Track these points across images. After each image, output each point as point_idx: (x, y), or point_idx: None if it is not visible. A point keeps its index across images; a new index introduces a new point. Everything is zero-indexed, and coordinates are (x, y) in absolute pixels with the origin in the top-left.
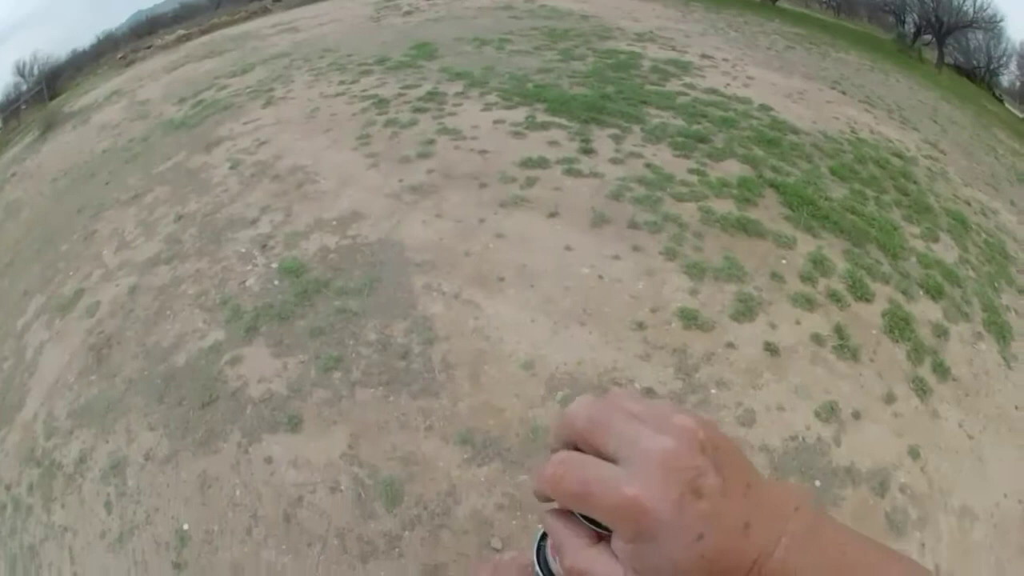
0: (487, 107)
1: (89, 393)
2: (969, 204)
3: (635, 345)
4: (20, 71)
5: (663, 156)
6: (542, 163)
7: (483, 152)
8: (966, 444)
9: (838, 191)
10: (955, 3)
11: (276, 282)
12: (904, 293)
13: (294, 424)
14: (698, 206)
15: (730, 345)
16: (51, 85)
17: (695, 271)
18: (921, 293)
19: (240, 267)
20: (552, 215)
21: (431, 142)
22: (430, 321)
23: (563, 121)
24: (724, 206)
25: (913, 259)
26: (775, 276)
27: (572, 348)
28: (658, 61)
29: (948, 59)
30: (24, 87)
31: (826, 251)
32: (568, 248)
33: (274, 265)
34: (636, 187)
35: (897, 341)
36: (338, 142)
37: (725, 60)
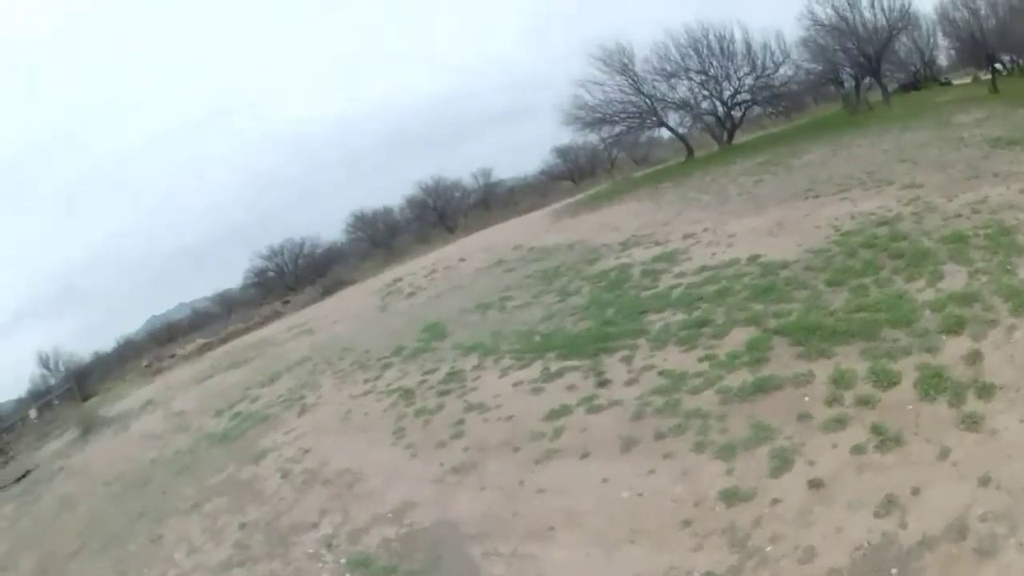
0: (503, 372)
1: None
2: (959, 216)
3: (685, 541)
4: (44, 363)
5: (672, 357)
6: (565, 411)
7: (510, 418)
8: None
9: (839, 299)
10: (871, 27)
11: (348, 575)
12: (928, 351)
13: None
14: (715, 390)
15: (775, 501)
16: (80, 384)
17: (726, 452)
18: (944, 339)
19: (311, 565)
20: (584, 456)
21: (461, 422)
22: None
23: (574, 362)
24: (739, 378)
25: (927, 312)
26: (802, 417)
27: (627, 567)
28: (646, 263)
29: (894, 85)
30: (51, 380)
31: (843, 365)
32: (605, 480)
33: (343, 560)
34: (654, 399)
35: (934, 399)
36: (376, 440)
37: (705, 230)
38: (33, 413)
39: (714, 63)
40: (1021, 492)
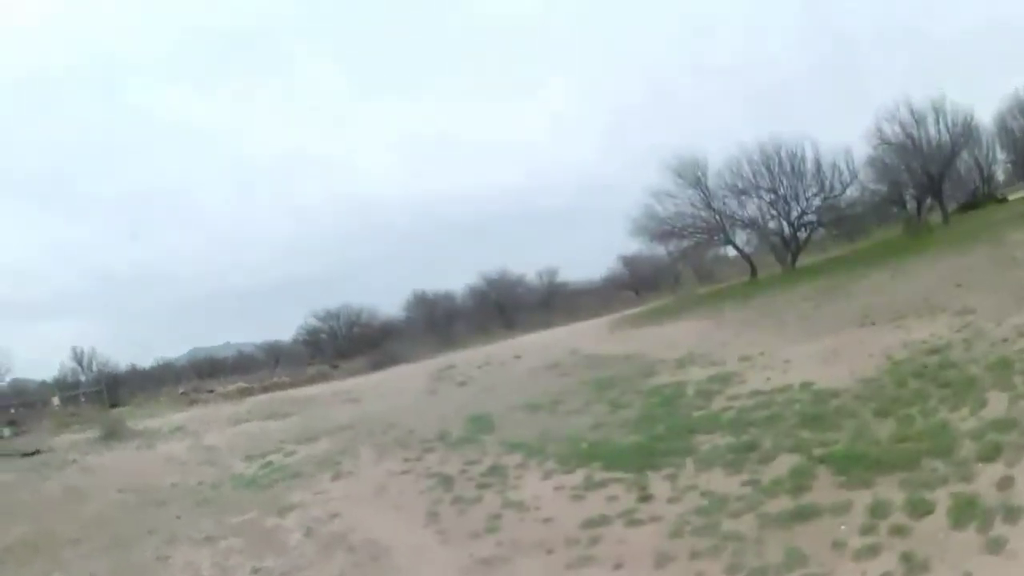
0: (546, 475)
1: None
2: (1006, 340)
3: None
4: (77, 358)
5: (716, 480)
6: (603, 521)
7: (547, 520)
8: None
9: (885, 429)
10: (935, 144)
11: None
12: (964, 479)
13: None
14: (755, 515)
15: None
16: (110, 390)
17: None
18: (980, 466)
19: None
20: (617, 567)
21: (497, 516)
22: None
23: (619, 474)
24: (780, 504)
25: (967, 441)
26: (836, 545)
27: None
28: (701, 382)
29: (954, 204)
30: (80, 376)
31: (882, 495)
32: None
33: None
34: (694, 519)
35: (964, 527)
36: (408, 519)
37: (762, 354)
38: (56, 401)
39: (784, 182)
40: None
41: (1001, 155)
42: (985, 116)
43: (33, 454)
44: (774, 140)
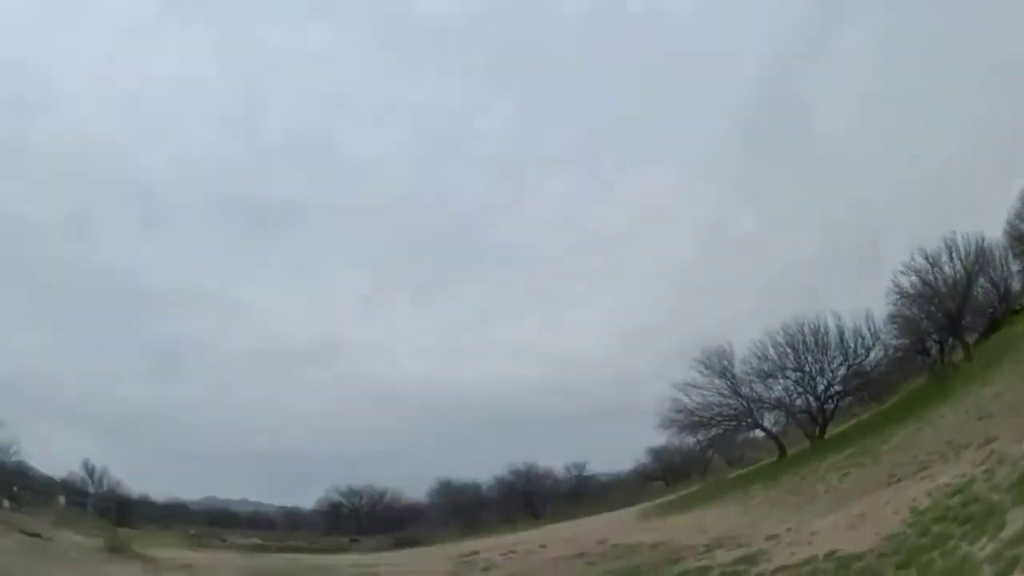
0: None
1: None
2: None
3: None
4: (88, 471)
5: None
6: None
7: None
8: None
9: None
10: (951, 282)
11: None
12: None
13: None
14: None
15: None
16: (120, 511)
17: None
18: None
19: None
20: None
21: None
22: None
23: None
24: None
25: (986, 567)
26: None
27: None
28: (726, 565)
29: (975, 335)
30: (89, 488)
31: None
32: None
33: None
34: None
35: None
36: None
37: (789, 530)
38: (62, 500)
39: (809, 359)
40: None
41: (1015, 266)
42: (995, 228)
43: (33, 536)
44: (797, 320)
